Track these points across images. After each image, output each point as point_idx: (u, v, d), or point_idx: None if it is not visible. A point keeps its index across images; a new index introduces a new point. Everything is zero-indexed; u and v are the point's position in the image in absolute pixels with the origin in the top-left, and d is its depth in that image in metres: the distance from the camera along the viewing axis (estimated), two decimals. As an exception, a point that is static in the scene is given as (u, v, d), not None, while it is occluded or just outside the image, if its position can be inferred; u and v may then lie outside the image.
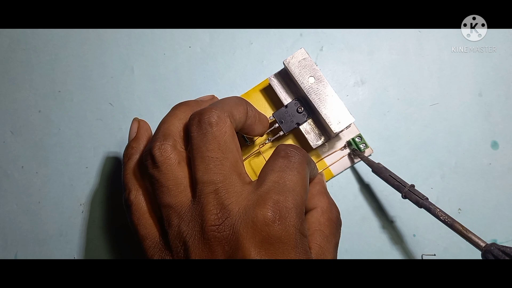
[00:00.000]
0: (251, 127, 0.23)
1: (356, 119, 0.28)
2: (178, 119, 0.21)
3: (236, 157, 0.19)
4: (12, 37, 0.30)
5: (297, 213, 0.18)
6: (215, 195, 0.18)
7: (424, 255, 0.26)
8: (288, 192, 0.18)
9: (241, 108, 0.21)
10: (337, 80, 0.28)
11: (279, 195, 0.18)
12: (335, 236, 0.21)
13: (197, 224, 0.18)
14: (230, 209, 0.17)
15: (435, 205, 0.21)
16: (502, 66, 0.28)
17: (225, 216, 0.17)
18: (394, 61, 0.28)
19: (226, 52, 0.29)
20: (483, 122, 0.28)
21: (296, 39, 0.29)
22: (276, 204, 0.17)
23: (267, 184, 0.18)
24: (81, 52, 0.30)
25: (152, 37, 0.29)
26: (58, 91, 0.29)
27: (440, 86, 0.28)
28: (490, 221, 0.27)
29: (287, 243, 0.17)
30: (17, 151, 0.29)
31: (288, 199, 0.18)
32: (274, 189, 0.18)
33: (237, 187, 0.18)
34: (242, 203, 0.18)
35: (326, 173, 0.27)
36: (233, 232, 0.17)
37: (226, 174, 0.18)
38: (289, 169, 0.19)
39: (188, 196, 0.19)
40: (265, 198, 0.17)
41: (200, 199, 0.18)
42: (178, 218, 0.18)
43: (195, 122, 0.19)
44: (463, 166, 0.27)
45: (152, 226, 0.20)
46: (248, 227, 0.17)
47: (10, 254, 0.28)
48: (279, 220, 0.17)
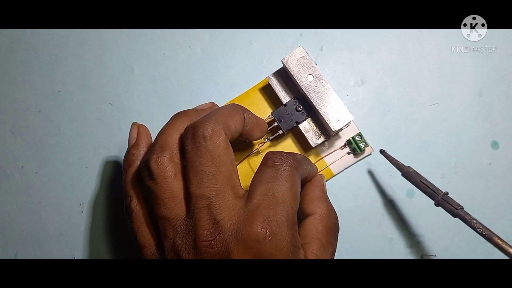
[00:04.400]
0: (249, 133, 0.23)
1: (356, 119, 0.28)
2: (176, 130, 0.21)
3: (230, 170, 0.19)
4: (12, 37, 0.30)
5: (288, 225, 0.18)
6: (207, 209, 0.18)
7: (424, 255, 0.26)
8: (277, 205, 0.18)
9: (237, 117, 0.21)
10: (337, 80, 0.28)
11: (269, 209, 0.18)
12: (332, 244, 0.21)
13: (191, 238, 0.18)
14: (222, 225, 0.17)
15: (471, 216, 0.21)
16: (502, 66, 0.28)
17: (217, 232, 0.17)
18: (394, 61, 0.28)
19: (226, 52, 0.29)
20: (483, 122, 0.28)
21: (296, 39, 0.29)
22: (266, 219, 0.17)
23: (257, 198, 0.18)
24: (81, 52, 0.30)
25: (152, 37, 0.29)
26: (58, 91, 0.29)
27: (440, 86, 0.28)
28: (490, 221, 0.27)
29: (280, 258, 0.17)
30: (17, 151, 0.29)
31: (278, 212, 0.18)
32: (264, 203, 0.18)
33: (230, 202, 0.18)
34: (234, 218, 0.18)
35: (326, 172, 0.27)
36: (225, 248, 0.17)
37: (219, 188, 0.18)
38: (277, 179, 0.19)
39: (183, 209, 0.19)
40: (255, 213, 0.17)
41: (194, 213, 0.18)
42: (173, 231, 0.18)
43: (190, 135, 0.19)
44: (463, 166, 0.27)
45: (150, 236, 0.20)
46: (239, 244, 0.17)
47: (10, 254, 0.28)
48: (270, 236, 0.17)
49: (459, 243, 0.26)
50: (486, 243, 0.27)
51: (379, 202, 0.27)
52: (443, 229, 0.27)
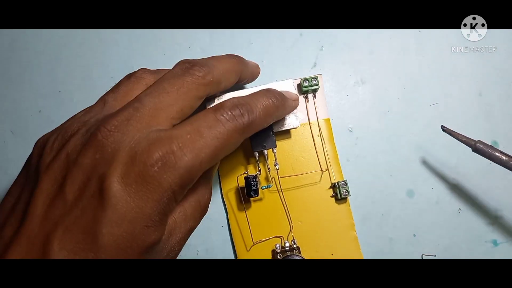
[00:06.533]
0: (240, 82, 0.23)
1: (356, 118, 0.28)
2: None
3: (184, 108, 0.18)
4: (13, 37, 0.30)
5: (183, 176, 0.16)
6: (132, 110, 0.17)
7: (424, 255, 0.26)
8: (189, 151, 0.16)
9: (233, 77, 0.21)
10: (337, 79, 0.28)
11: (179, 148, 0.16)
12: (195, 220, 0.19)
13: (99, 117, 0.18)
14: (130, 129, 0.16)
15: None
16: (502, 66, 0.28)
17: (122, 131, 0.16)
18: (394, 61, 0.28)
19: (226, 52, 0.29)
20: (483, 122, 0.28)
21: (296, 39, 0.29)
22: (169, 153, 0.16)
23: (178, 130, 0.17)
24: (81, 52, 0.30)
25: (152, 37, 0.29)
26: (59, 91, 0.29)
27: (440, 86, 0.28)
28: (490, 221, 0.27)
29: (152, 191, 0.16)
30: (17, 151, 0.29)
31: (184, 158, 0.16)
32: (180, 139, 0.16)
33: (155, 121, 0.17)
34: (144, 132, 0.16)
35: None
36: (115, 148, 0.16)
37: (160, 108, 0.17)
38: (210, 131, 0.17)
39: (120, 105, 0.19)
40: (164, 141, 0.16)
41: (121, 108, 0.17)
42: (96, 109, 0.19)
43: (185, 65, 0.19)
44: (463, 165, 0.27)
45: None
46: (128, 155, 0.16)
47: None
48: (159, 168, 0.16)
49: (459, 243, 0.26)
50: (486, 243, 0.27)
51: (379, 202, 0.27)
52: (443, 229, 0.27)
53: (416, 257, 0.26)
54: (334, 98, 0.28)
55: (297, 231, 0.26)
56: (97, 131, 0.16)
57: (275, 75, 0.28)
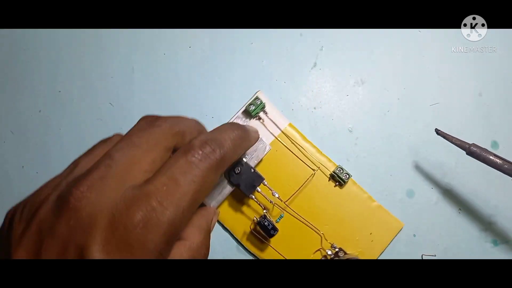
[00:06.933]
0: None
1: (356, 118, 0.28)
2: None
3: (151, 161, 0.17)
4: (13, 37, 0.30)
5: (167, 230, 0.15)
6: (104, 168, 0.16)
7: (424, 255, 0.26)
8: (171, 204, 0.15)
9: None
10: (337, 80, 0.28)
11: (158, 203, 0.15)
12: None
13: (70, 179, 0.16)
14: (103, 190, 0.15)
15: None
16: (502, 66, 0.28)
17: (95, 193, 0.15)
18: (394, 61, 0.28)
19: (226, 52, 0.29)
20: (483, 122, 0.28)
21: (296, 39, 0.29)
22: (149, 211, 0.15)
23: (154, 183, 0.16)
24: (81, 52, 0.30)
25: (152, 37, 0.29)
26: (59, 91, 0.29)
27: (440, 86, 0.28)
28: (490, 221, 0.27)
29: (137, 255, 0.15)
30: (17, 151, 0.29)
31: (167, 211, 0.15)
32: (158, 193, 0.15)
33: (130, 175, 0.16)
34: (119, 191, 0.15)
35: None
36: (91, 213, 0.15)
37: (133, 161, 0.16)
38: (185, 176, 0.16)
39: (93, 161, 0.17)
40: (141, 198, 0.15)
41: (94, 164, 0.16)
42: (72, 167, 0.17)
43: (149, 118, 0.19)
44: (463, 165, 0.27)
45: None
46: (107, 220, 0.15)
47: (10, 254, 0.28)
48: (143, 227, 0.15)
49: (459, 243, 0.26)
50: (486, 243, 0.27)
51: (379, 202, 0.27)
52: (443, 229, 0.27)
53: (416, 257, 0.26)
54: (334, 98, 0.28)
55: (329, 235, 0.26)
56: (69, 195, 0.15)
57: (275, 75, 0.28)
